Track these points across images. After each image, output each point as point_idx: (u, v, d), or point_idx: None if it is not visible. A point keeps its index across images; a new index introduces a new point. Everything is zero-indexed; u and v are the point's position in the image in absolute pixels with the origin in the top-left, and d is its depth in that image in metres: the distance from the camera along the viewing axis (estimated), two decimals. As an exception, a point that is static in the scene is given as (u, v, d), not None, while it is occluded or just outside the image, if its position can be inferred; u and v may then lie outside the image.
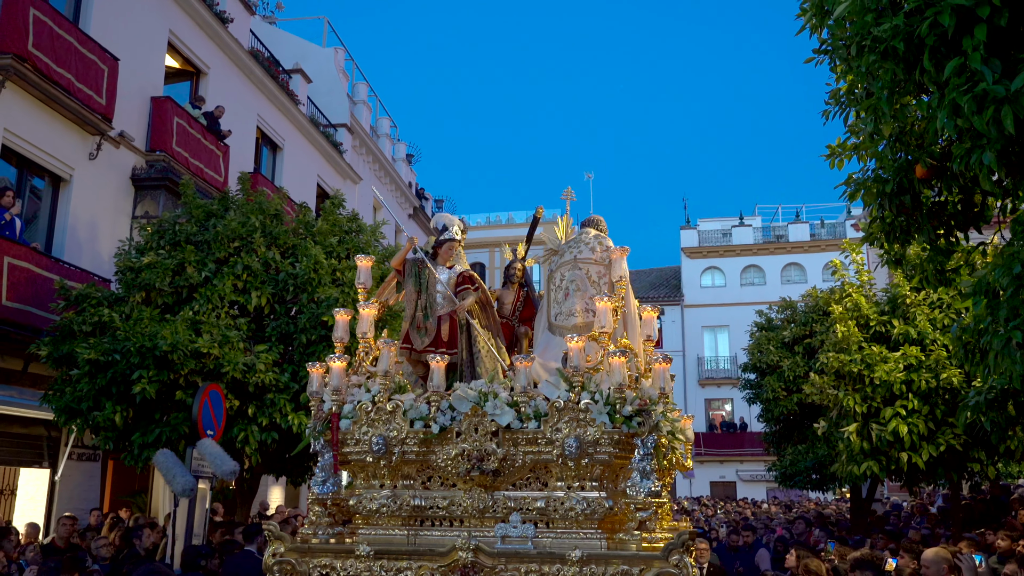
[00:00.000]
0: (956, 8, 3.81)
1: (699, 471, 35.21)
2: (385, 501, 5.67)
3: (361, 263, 6.58)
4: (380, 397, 5.77)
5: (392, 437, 5.63)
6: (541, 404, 5.50)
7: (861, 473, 9.96)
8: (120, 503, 13.58)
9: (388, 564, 5.35)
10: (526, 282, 7.67)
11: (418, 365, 6.48)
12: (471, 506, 5.56)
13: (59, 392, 9.88)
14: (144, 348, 8.95)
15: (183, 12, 16.34)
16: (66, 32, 12.53)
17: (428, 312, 6.46)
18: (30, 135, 12.22)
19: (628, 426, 5.31)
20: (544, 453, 5.44)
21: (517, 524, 5.36)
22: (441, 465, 5.62)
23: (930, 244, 5.85)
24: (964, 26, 3.89)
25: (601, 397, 5.37)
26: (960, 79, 3.87)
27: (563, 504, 5.38)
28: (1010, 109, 3.66)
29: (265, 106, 19.77)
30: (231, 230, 10.48)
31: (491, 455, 5.42)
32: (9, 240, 11.15)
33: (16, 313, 11.15)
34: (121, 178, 14.34)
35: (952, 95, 3.82)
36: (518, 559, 5.15)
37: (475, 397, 5.61)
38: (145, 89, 15.06)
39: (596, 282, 6.52)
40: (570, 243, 6.85)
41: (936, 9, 3.85)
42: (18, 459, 12.33)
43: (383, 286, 6.96)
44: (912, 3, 3.95)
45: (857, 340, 10.21)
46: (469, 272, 6.77)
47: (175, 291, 10.14)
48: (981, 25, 3.78)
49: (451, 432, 5.58)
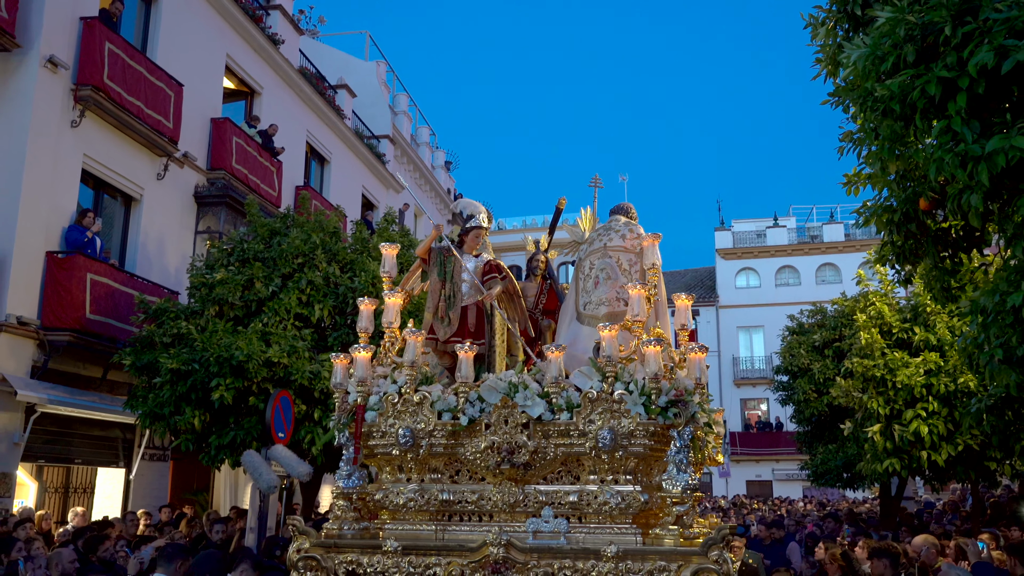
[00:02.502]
0: (941, 79, 4.51)
1: (735, 470, 35.65)
2: (412, 495, 5.51)
3: (386, 251, 6.42)
4: (407, 388, 5.60)
5: (419, 429, 5.47)
6: (573, 395, 5.36)
7: (884, 471, 10.60)
8: (183, 500, 14.53)
9: (416, 560, 5.21)
10: (549, 274, 7.41)
11: (444, 356, 6.28)
12: (501, 500, 5.38)
13: (142, 398, 10.80)
14: (222, 358, 9.82)
15: (239, 36, 17.30)
16: (136, 63, 13.51)
17: (452, 302, 6.26)
18: (106, 159, 13.21)
19: (664, 417, 5.14)
20: (576, 445, 5.26)
21: (549, 519, 5.20)
22: (470, 458, 5.46)
23: (936, 265, 6.52)
24: (949, 92, 4.59)
25: (636, 387, 5.20)
26: (945, 138, 4.57)
27: (596, 498, 5.19)
28: (985, 166, 4.35)
29: (314, 122, 20.71)
30: (295, 248, 11.33)
31: (522, 448, 5.25)
32: (91, 258, 12.13)
33: (97, 325, 12.13)
34: (185, 196, 15.31)
35: (938, 153, 4.52)
36: (551, 555, 5.00)
37: (505, 388, 5.43)
38: (205, 111, 16.02)
39: (627, 270, 6.24)
40: (599, 231, 6.61)
41: (925, 79, 4.56)
42: (97, 459, 13.32)
43: (408, 275, 6.78)
44: (906, 73, 4.65)
45: (880, 346, 10.85)
46: (496, 261, 6.57)
47: (245, 305, 11.01)
48: (962, 94, 4.47)
49: (480, 424, 5.41)
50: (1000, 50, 4.27)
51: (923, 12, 4.64)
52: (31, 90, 11.69)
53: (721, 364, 39.85)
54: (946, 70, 4.51)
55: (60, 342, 11.68)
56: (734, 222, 43.73)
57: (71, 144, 12.42)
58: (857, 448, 13.37)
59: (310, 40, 26.19)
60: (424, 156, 28.98)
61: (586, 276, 6.38)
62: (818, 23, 6.40)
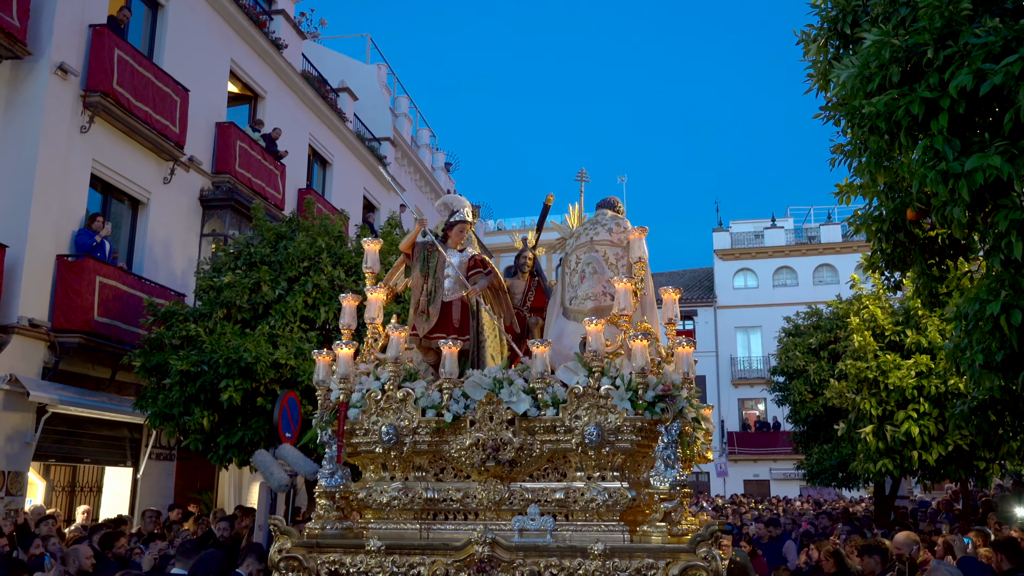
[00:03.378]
0: (924, 99, 4.77)
1: (733, 470, 35.96)
2: (396, 494, 5.42)
3: (368, 247, 6.36)
4: (390, 385, 5.51)
5: (403, 427, 5.38)
6: (559, 391, 5.27)
7: (877, 470, 10.88)
8: (187, 499, 14.76)
9: (400, 559, 5.10)
10: (537, 271, 7.32)
11: (428, 352, 6.19)
12: (486, 498, 5.30)
13: (151, 399, 11.05)
14: (231, 360, 10.07)
15: (243, 41, 17.52)
16: (144, 68, 13.74)
17: (433, 297, 6.16)
18: (114, 164, 13.45)
19: (651, 412, 5.07)
20: (563, 442, 5.19)
21: (535, 516, 5.11)
22: (455, 456, 5.37)
23: (923, 272, 6.78)
24: (932, 111, 4.85)
25: (622, 382, 5.13)
26: (928, 155, 4.82)
27: (583, 495, 5.12)
28: (965, 183, 4.61)
29: (316, 125, 20.95)
30: (300, 252, 11.57)
31: (507, 444, 5.17)
32: (100, 261, 12.37)
33: (106, 327, 12.37)
34: (191, 199, 15.55)
35: (921, 170, 4.78)
36: (537, 553, 4.90)
37: (490, 384, 5.35)
38: (210, 115, 16.25)
39: (614, 264, 6.15)
40: (586, 225, 6.53)
41: (909, 99, 4.81)
42: (105, 459, 13.57)
43: (392, 271, 6.73)
44: (891, 93, 4.91)
45: (873, 349, 11.13)
46: (481, 256, 6.47)
47: (252, 307, 11.25)
48: (944, 113, 4.73)
49: (465, 421, 5.33)
50: (978, 73, 4.53)
51: (907, 35, 4.91)
52: (42, 97, 11.93)
53: (719, 364, 40.12)
54: (928, 91, 4.78)
55: (70, 344, 11.92)
56: (732, 223, 44.04)
57: (80, 149, 12.66)
58: (851, 448, 13.66)
59: (312, 43, 26.44)
60: (424, 158, 29.23)
61: (572, 271, 6.30)
62: (810, 40, 6.66)
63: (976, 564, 6.76)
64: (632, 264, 6.06)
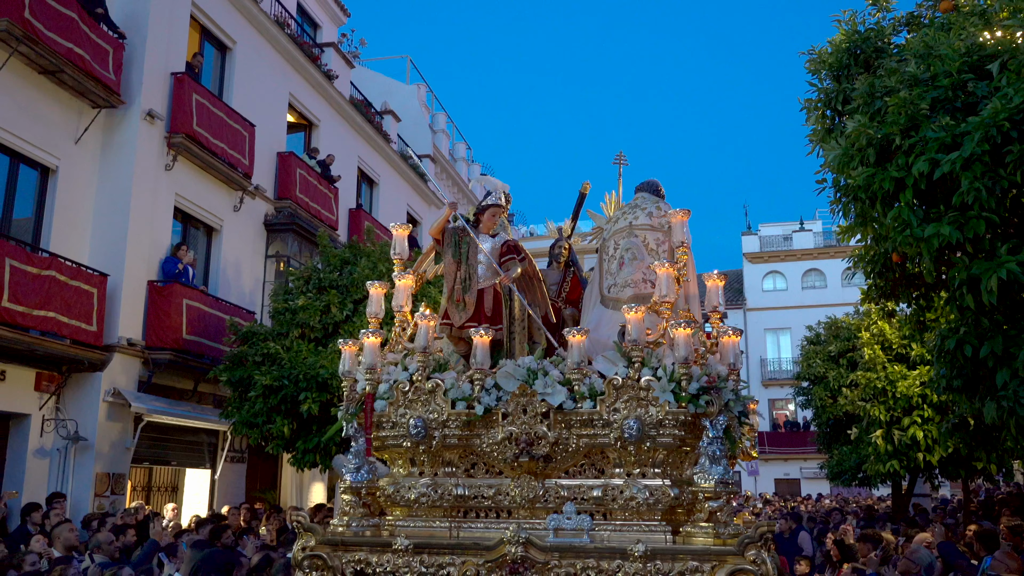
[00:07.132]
0: (894, 178, 6.01)
1: (764, 469, 36.79)
2: (425, 490, 5.18)
3: (397, 232, 6.08)
4: (418, 376, 5.26)
5: (432, 419, 5.14)
6: (597, 382, 4.95)
7: (886, 470, 12.06)
8: (253, 498, 16.19)
9: (429, 559, 4.83)
10: (572, 261, 6.95)
11: (459, 343, 5.90)
12: (520, 495, 5.03)
13: (235, 408, 12.48)
14: (309, 375, 11.46)
15: (299, 75, 18.98)
16: (217, 108, 15.22)
17: (467, 284, 5.85)
18: (193, 196, 14.94)
19: (695, 405, 4.75)
20: (600, 436, 4.89)
21: (571, 515, 4.80)
22: (486, 450, 5.11)
23: (909, 304, 8.00)
24: (900, 186, 6.08)
25: (664, 373, 4.80)
26: (898, 221, 6.05)
27: (622, 493, 4.83)
28: (926, 246, 5.84)
29: (364, 147, 22.39)
30: (364, 276, 12.94)
31: (541, 439, 4.90)
32: (185, 285, 13.86)
33: (192, 344, 13.86)
34: (256, 224, 17.03)
35: (892, 235, 6.01)
36: (573, 554, 4.61)
37: (523, 375, 5.08)
38: (272, 145, 17.71)
39: (654, 250, 5.77)
40: (624, 209, 6.17)
41: (881, 177, 6.05)
42: (188, 462, 15.07)
43: (421, 257, 6.51)
44: (868, 170, 6.15)
45: (882, 361, 12.32)
46: (515, 241, 6.19)
47: (323, 327, 12.65)
48: (909, 189, 5.96)
49: (497, 414, 5.04)
50: (933, 161, 5.76)
51: (880, 125, 6.14)
52: (134, 141, 13.42)
53: (749, 365, 40.87)
54: (897, 171, 6.02)
55: (162, 360, 13.41)
56: (761, 226, 44.82)
57: (165, 185, 14.15)
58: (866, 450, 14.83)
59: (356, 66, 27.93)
60: (461, 171, 30.63)
61: (610, 257, 5.93)
62: (811, 107, 7.91)
63: (953, 548, 7.93)
64: (674, 248, 5.65)
